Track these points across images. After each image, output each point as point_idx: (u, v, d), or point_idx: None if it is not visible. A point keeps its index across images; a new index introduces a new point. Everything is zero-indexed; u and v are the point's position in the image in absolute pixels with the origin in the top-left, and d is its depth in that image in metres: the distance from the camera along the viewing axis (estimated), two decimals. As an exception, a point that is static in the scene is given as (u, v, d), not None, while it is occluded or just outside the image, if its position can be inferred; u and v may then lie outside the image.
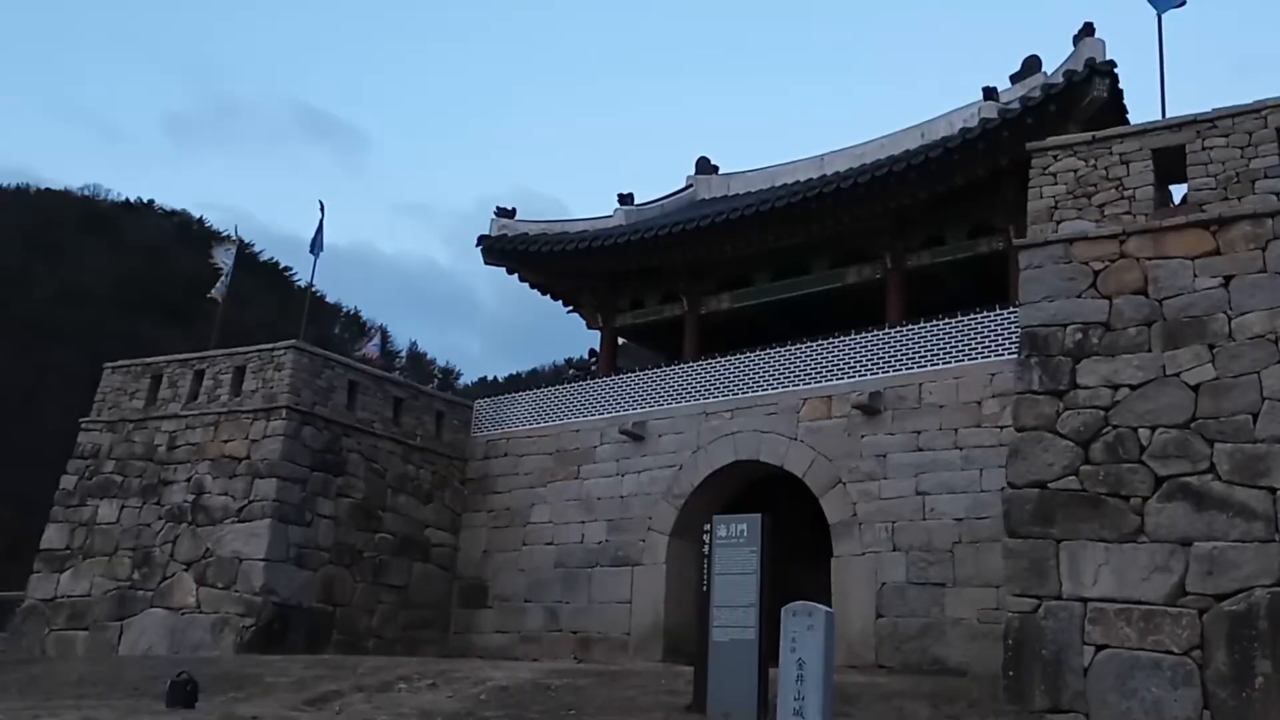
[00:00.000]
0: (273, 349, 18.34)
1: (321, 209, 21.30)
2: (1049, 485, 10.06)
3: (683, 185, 24.28)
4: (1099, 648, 9.37)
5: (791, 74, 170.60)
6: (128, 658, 15.99)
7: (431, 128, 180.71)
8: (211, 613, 16.36)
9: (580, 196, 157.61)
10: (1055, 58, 16.73)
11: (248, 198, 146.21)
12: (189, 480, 17.79)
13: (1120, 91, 14.98)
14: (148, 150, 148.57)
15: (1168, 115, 11.55)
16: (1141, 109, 14.65)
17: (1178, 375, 9.90)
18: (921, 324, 15.82)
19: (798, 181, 20.00)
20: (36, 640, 17.75)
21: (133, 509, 18.13)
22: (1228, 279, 10.03)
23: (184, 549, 17.18)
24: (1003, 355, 14.40)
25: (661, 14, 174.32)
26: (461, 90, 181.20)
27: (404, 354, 61.53)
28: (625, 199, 22.95)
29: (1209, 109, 10.79)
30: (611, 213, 22.47)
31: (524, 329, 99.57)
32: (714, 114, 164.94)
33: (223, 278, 21.21)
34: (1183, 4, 13.10)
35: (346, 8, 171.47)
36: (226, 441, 17.77)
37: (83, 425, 19.78)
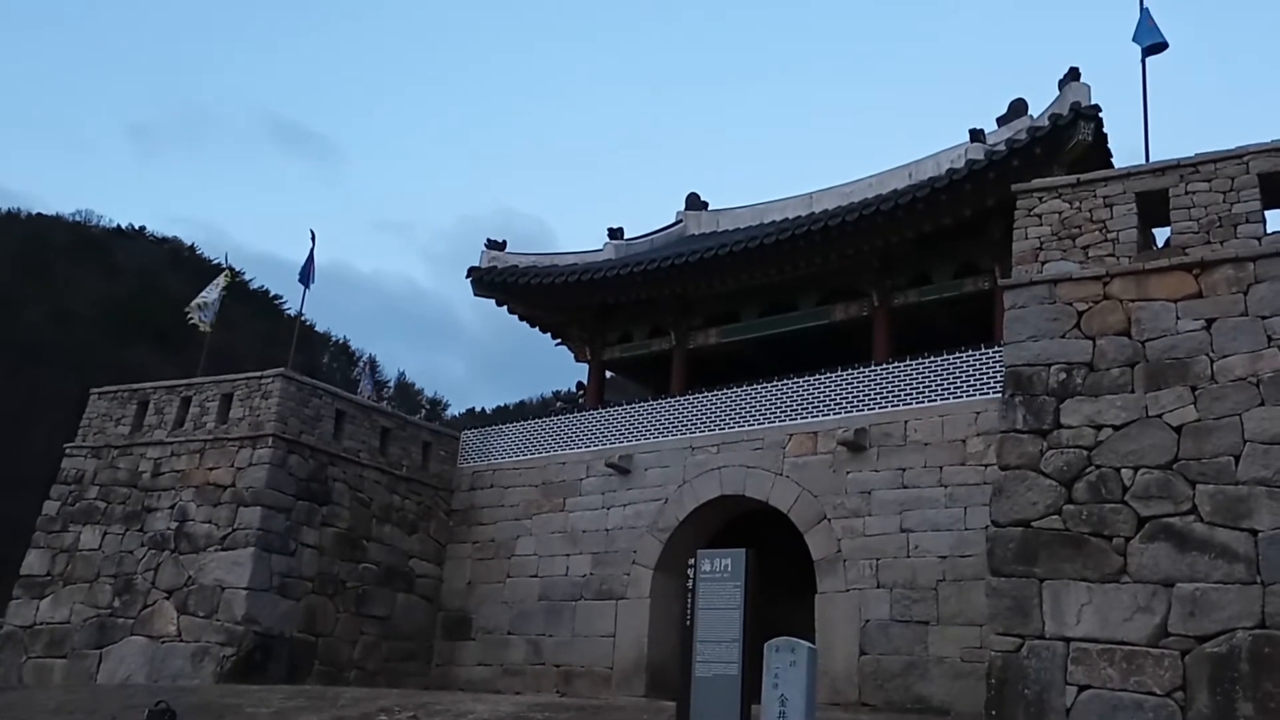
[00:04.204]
0: (260, 377, 18.30)
1: (313, 238, 21.05)
2: (1032, 524, 10.10)
3: (673, 220, 24.44)
4: (1081, 688, 9.37)
5: (781, 112, 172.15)
6: (106, 686, 15.82)
7: (411, 143, 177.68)
8: (192, 641, 16.21)
9: (565, 219, 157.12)
10: (1041, 101, 17.00)
11: (218, 211, 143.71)
12: (173, 507, 17.68)
13: (1105, 135, 15.20)
14: (111, 161, 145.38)
15: (1152, 158, 11.72)
16: (1126, 148, 14.88)
17: (1160, 416, 9.98)
18: (907, 362, 15.90)
19: (786, 219, 20.19)
20: (13, 668, 17.54)
21: (115, 535, 17.99)
22: (1210, 321, 10.15)
23: (166, 577, 17.05)
24: (987, 394, 14.48)
25: (652, 45, 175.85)
26: (442, 106, 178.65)
27: (392, 383, 61.63)
28: (615, 233, 23.06)
29: (1192, 153, 10.95)
30: (601, 247, 22.59)
31: (509, 354, 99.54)
32: (703, 149, 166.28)
33: (202, 303, 21.06)
34: (1166, 47, 13.35)
35: (314, 16, 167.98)
36: (212, 469, 17.69)
37: (67, 450, 19.67)
